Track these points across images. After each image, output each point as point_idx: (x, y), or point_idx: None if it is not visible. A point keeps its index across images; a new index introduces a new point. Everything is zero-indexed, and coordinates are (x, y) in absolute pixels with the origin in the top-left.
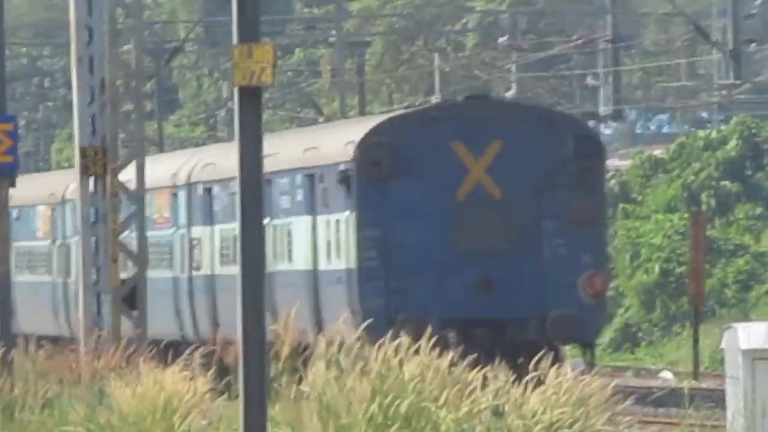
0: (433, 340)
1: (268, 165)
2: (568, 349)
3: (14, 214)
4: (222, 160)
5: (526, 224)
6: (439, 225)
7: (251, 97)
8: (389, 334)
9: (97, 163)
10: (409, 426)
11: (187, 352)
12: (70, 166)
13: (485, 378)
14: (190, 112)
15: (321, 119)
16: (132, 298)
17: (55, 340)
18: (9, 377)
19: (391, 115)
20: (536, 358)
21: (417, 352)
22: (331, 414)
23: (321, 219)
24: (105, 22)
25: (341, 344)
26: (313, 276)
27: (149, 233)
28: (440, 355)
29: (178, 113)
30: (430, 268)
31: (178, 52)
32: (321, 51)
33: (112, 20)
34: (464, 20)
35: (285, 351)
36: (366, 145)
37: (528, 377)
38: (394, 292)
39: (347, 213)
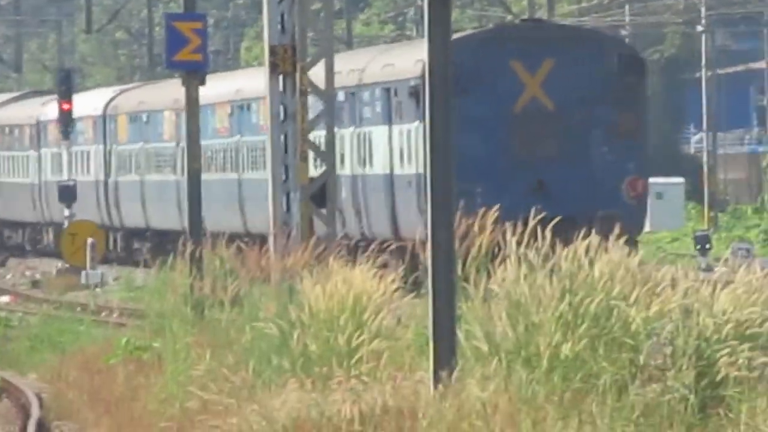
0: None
1: (354, 79)
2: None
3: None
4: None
5: (575, 134)
6: (499, 134)
7: None
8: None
9: (287, 61)
10: (598, 325)
11: (371, 248)
12: (260, 65)
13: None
14: (379, 11)
15: (509, 17)
16: (321, 196)
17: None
18: (198, 274)
19: (457, 35)
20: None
21: (606, 250)
22: (520, 312)
23: (395, 128)
24: None
25: (528, 242)
26: (389, 179)
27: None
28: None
29: (367, 11)
30: (492, 173)
31: None
32: None
33: None
34: None
35: (476, 249)
36: None
37: (717, 274)
38: (459, 194)
39: (417, 123)
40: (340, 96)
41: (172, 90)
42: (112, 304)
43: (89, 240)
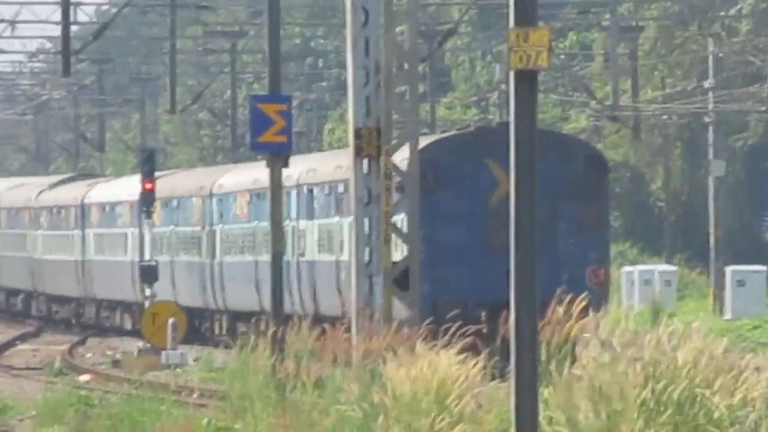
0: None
1: (347, 173)
2: None
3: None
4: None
5: (544, 227)
6: (475, 226)
7: (527, 80)
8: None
9: (371, 143)
10: (681, 413)
11: (459, 330)
12: (343, 146)
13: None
14: (462, 95)
15: (593, 103)
16: (403, 279)
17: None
18: (281, 356)
19: (436, 137)
20: None
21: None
22: (602, 398)
23: None
24: (381, 3)
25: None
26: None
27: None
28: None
29: (451, 95)
30: (466, 261)
31: (451, 34)
32: (594, 35)
33: (388, 2)
34: (739, 6)
35: (557, 336)
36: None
37: None
38: (437, 279)
39: (403, 215)
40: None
41: (198, 177)
42: (193, 385)
43: (170, 320)
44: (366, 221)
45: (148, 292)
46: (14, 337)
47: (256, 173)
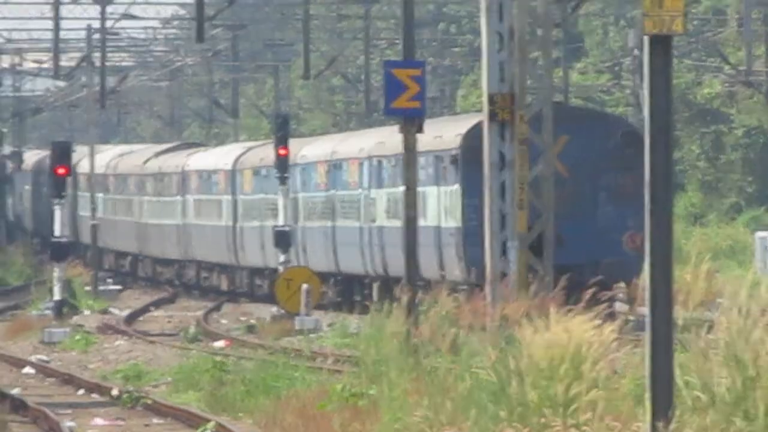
0: None
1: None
2: None
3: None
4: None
5: (585, 195)
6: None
7: (661, 45)
8: None
9: (505, 109)
10: None
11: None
12: (476, 112)
13: None
14: (595, 60)
15: (727, 68)
16: (538, 245)
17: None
18: (415, 322)
19: (475, 121)
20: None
21: None
22: (738, 364)
23: (443, 189)
24: None
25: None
26: (438, 231)
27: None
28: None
29: (584, 61)
30: None
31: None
32: (728, 0)
33: None
34: None
35: (692, 300)
36: (468, 137)
37: None
38: None
39: (457, 186)
40: None
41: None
42: (327, 350)
43: (304, 286)
44: (499, 185)
45: (282, 258)
46: (149, 303)
47: (373, 139)
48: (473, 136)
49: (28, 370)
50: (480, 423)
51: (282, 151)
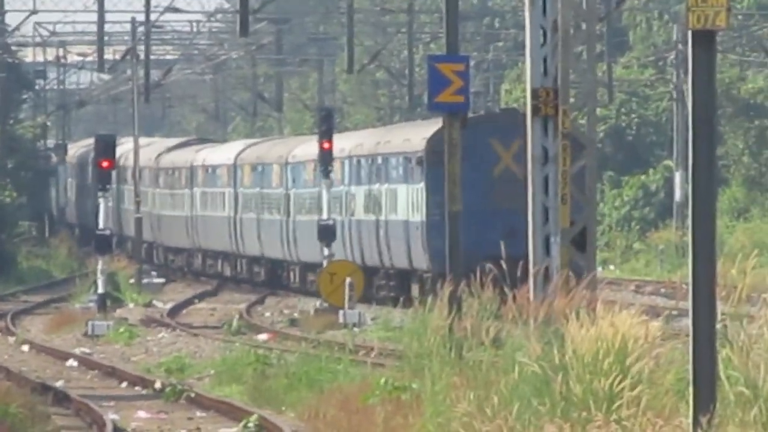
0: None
1: (385, 148)
2: None
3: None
4: None
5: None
6: (481, 192)
7: (705, 40)
8: None
9: (548, 104)
10: None
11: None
12: (520, 106)
13: None
14: (639, 54)
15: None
16: (581, 240)
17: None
18: (458, 315)
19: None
20: None
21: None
22: None
23: (410, 187)
24: None
25: None
26: (406, 224)
27: None
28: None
29: (628, 55)
30: (474, 221)
31: None
32: None
33: None
34: None
35: (737, 295)
36: (432, 140)
37: None
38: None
39: (422, 184)
40: None
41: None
42: (370, 344)
43: (347, 279)
44: (542, 180)
45: (326, 251)
46: (193, 295)
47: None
48: (437, 140)
49: (71, 362)
50: (522, 418)
51: (326, 145)
